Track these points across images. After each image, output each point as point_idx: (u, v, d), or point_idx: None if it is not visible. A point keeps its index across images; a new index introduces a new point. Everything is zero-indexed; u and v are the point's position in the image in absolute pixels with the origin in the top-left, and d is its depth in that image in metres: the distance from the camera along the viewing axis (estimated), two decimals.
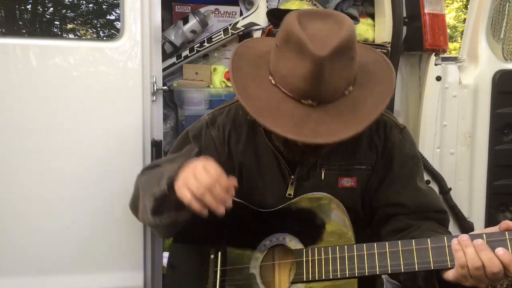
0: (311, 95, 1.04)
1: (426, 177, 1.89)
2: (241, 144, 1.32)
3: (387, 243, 1.05)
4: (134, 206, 1.32)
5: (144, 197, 1.19)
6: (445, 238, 1.00)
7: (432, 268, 0.99)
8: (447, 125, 1.91)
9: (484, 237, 0.96)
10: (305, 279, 1.11)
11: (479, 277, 0.94)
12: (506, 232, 0.95)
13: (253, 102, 1.07)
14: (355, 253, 1.06)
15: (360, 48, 1.10)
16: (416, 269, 1.00)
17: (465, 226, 1.94)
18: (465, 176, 1.96)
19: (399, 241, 1.03)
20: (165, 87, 1.71)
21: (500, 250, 0.93)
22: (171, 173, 1.09)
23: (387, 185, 1.27)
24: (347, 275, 1.06)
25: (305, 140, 1.03)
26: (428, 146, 1.89)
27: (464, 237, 0.97)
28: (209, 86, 1.93)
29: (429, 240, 1.01)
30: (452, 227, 1.96)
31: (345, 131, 1.04)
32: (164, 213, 1.13)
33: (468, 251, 0.95)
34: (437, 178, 1.90)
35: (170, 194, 1.08)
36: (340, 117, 1.05)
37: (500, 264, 0.93)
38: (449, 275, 0.99)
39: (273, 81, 1.09)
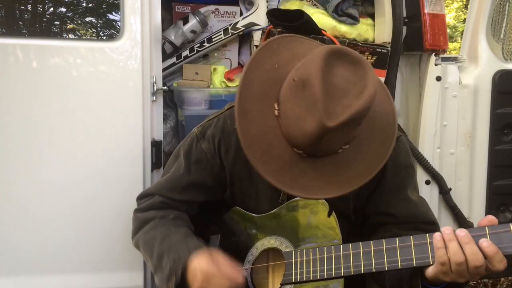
0: (305, 149, 1.03)
1: (426, 177, 1.89)
2: (231, 154, 1.32)
3: (371, 242, 1.05)
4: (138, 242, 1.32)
5: (148, 260, 1.24)
6: (427, 235, 1.00)
7: (415, 265, 1.00)
8: (447, 125, 1.91)
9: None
10: (293, 280, 1.12)
11: (461, 272, 0.93)
12: (486, 227, 0.94)
13: (249, 129, 1.03)
14: (341, 252, 1.07)
15: (378, 95, 1.01)
16: (400, 267, 1.01)
17: (465, 226, 1.93)
18: (465, 176, 1.96)
19: (384, 240, 1.04)
20: (165, 87, 1.72)
21: (484, 242, 0.91)
22: (178, 270, 1.12)
23: (378, 193, 1.27)
24: (333, 275, 1.06)
25: (282, 188, 1.03)
26: (428, 146, 1.89)
27: (448, 230, 0.96)
28: (209, 86, 1.93)
29: (412, 238, 1.01)
30: (452, 227, 1.95)
31: (323, 191, 1.04)
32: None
33: (451, 245, 0.93)
34: (437, 178, 1.90)
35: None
36: (323, 176, 1.05)
37: (483, 258, 0.91)
38: (429, 271, 0.99)
39: (276, 112, 1.05)
